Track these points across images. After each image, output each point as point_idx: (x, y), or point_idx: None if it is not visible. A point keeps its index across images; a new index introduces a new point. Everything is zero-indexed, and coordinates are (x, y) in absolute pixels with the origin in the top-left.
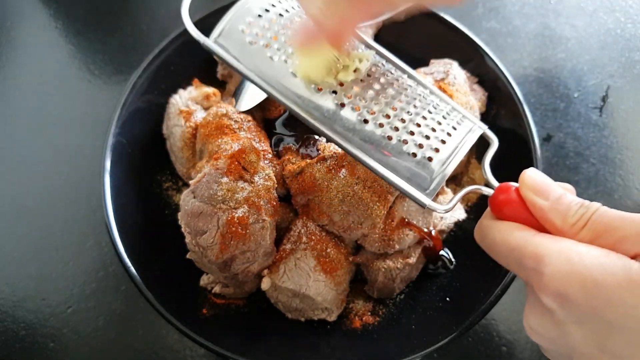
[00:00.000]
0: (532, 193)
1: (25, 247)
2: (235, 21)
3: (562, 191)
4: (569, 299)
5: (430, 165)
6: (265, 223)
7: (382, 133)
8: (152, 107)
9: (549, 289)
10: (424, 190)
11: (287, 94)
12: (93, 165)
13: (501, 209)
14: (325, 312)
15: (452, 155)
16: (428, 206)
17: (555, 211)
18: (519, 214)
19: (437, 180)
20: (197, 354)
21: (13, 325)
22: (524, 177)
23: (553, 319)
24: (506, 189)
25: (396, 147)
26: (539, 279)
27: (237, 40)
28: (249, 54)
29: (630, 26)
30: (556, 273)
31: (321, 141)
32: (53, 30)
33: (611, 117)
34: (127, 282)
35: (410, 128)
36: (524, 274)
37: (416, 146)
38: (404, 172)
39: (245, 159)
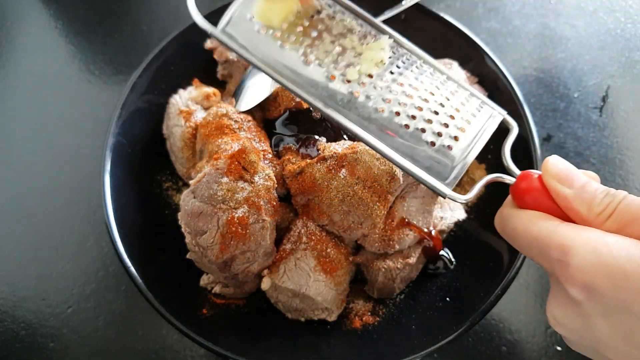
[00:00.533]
0: (555, 181)
1: (25, 247)
2: (242, 9)
3: (587, 179)
4: (595, 291)
5: (450, 154)
6: (265, 223)
7: (399, 121)
8: (152, 107)
9: (575, 280)
10: (444, 179)
11: (300, 83)
12: (93, 165)
13: (523, 198)
14: (325, 312)
15: (473, 142)
16: (448, 196)
17: (580, 199)
18: (541, 202)
19: (458, 169)
20: (197, 353)
21: (13, 325)
22: (547, 164)
23: (579, 311)
24: (528, 177)
25: (414, 135)
26: (565, 270)
27: (246, 29)
28: (258, 43)
29: (630, 26)
30: (583, 264)
31: (321, 141)
32: (53, 30)
33: (611, 117)
34: (127, 282)
35: (428, 116)
36: (548, 265)
37: (434, 134)
38: (423, 162)
39: (246, 159)
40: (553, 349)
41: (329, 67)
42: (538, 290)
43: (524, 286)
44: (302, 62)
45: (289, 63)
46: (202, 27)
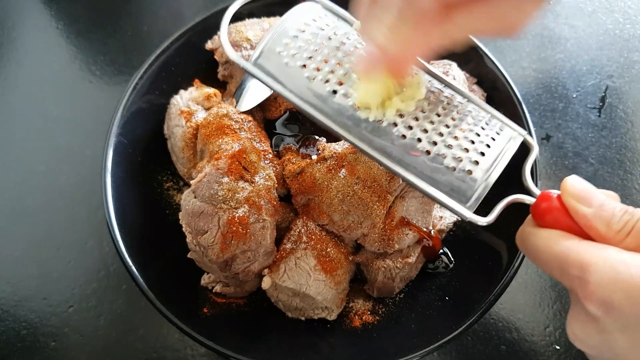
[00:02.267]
0: (574, 200)
1: (26, 246)
2: (272, 43)
3: (605, 198)
4: (614, 307)
5: (471, 178)
6: (265, 223)
7: (421, 147)
8: (153, 107)
9: (594, 297)
10: (465, 202)
11: (327, 113)
12: (94, 165)
13: (543, 217)
14: (326, 311)
15: (494, 165)
16: (469, 219)
17: (599, 218)
18: (561, 221)
19: (479, 192)
20: (197, 352)
21: (14, 325)
22: (566, 184)
23: (598, 327)
24: (548, 197)
25: (435, 161)
26: (584, 287)
27: (276, 62)
28: (288, 75)
29: (629, 27)
30: (601, 281)
31: (321, 141)
32: (54, 31)
33: (610, 117)
34: (128, 282)
35: (449, 141)
36: (568, 282)
37: (455, 159)
38: (444, 186)
39: (246, 159)
40: (552, 348)
41: None
42: (537, 290)
43: (522, 285)
44: (329, 92)
45: (316, 94)
46: (236, 62)
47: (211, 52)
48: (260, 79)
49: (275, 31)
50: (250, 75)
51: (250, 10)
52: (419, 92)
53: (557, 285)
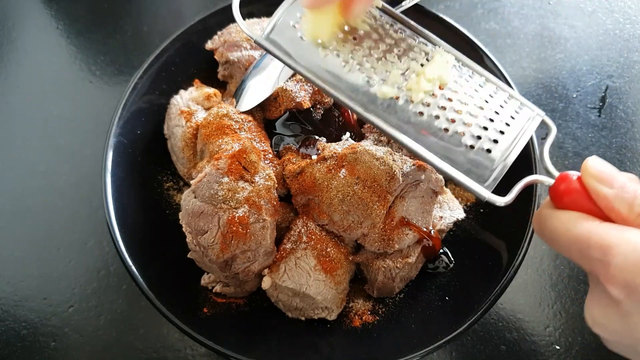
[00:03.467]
0: (595, 181)
1: (26, 246)
2: (286, 17)
3: (627, 179)
4: (637, 290)
5: (489, 157)
6: (265, 223)
7: (438, 125)
8: (153, 107)
9: (616, 280)
10: (483, 182)
11: (342, 89)
12: (94, 165)
13: (562, 199)
14: (326, 311)
15: (513, 144)
16: (487, 199)
17: (620, 199)
18: (580, 203)
19: (497, 172)
20: (198, 352)
21: (15, 325)
22: (587, 165)
23: (619, 310)
24: (567, 178)
25: (453, 138)
26: (606, 270)
27: (289, 36)
28: (301, 50)
29: (629, 27)
30: (624, 263)
31: (321, 141)
32: (54, 31)
33: (610, 117)
34: (128, 282)
35: (467, 119)
36: (588, 265)
37: (473, 137)
38: (461, 165)
39: (246, 159)
40: (552, 348)
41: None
42: (537, 290)
43: (522, 285)
44: (344, 68)
45: (331, 71)
46: (247, 34)
47: (211, 52)
48: (273, 53)
49: (289, 4)
50: (264, 50)
51: (250, 10)
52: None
53: (557, 285)
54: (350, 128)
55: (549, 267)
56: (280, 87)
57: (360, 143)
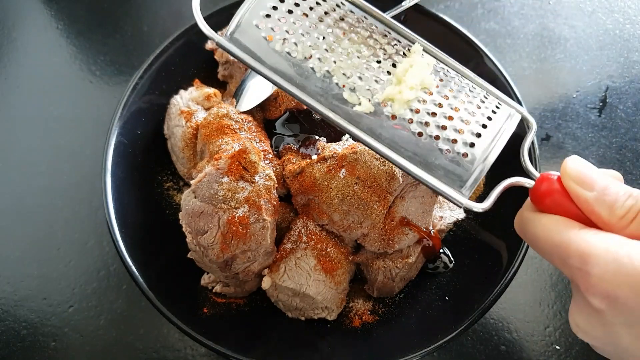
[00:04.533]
0: (575, 183)
1: (26, 246)
2: (249, 16)
3: (608, 180)
4: (617, 301)
5: (466, 161)
6: (265, 223)
7: (413, 129)
8: (153, 107)
9: (596, 290)
10: (460, 187)
11: (309, 91)
12: (94, 165)
13: (542, 201)
14: (325, 311)
15: (491, 146)
16: (465, 205)
17: (601, 202)
18: (562, 205)
19: (475, 176)
20: (198, 352)
21: (14, 325)
22: (566, 166)
23: (601, 320)
24: (548, 180)
25: (427, 144)
26: (586, 280)
27: (252, 36)
28: (265, 51)
29: (629, 27)
30: (604, 274)
31: (321, 141)
32: (54, 31)
33: (610, 117)
34: (128, 282)
35: (442, 122)
36: (569, 272)
37: (448, 142)
38: (438, 170)
39: (246, 159)
40: (552, 348)
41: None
42: (537, 290)
43: (522, 286)
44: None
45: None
46: (208, 34)
47: (211, 52)
48: (235, 55)
49: (252, 2)
50: (225, 52)
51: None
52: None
53: (557, 286)
54: None
55: (549, 267)
56: None
57: (360, 143)
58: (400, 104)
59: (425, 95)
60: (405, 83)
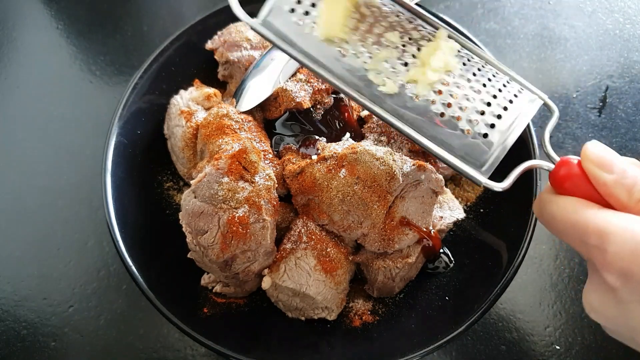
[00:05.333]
0: (595, 166)
1: (26, 246)
2: (280, 1)
3: (627, 165)
4: (633, 278)
5: (486, 142)
6: (265, 223)
7: (435, 109)
8: (153, 107)
9: (612, 267)
10: (480, 167)
11: (337, 73)
12: (94, 165)
13: (562, 184)
14: (326, 311)
15: (511, 128)
16: (484, 184)
17: (620, 185)
18: (580, 188)
19: (495, 157)
20: (198, 352)
21: (14, 325)
22: (586, 149)
23: (615, 298)
24: (567, 163)
25: (449, 123)
26: (603, 257)
27: (284, 21)
28: (297, 35)
29: (629, 27)
30: (620, 251)
31: (321, 141)
32: (54, 31)
33: (610, 117)
34: (128, 282)
35: (464, 103)
36: (586, 251)
37: (470, 122)
38: (458, 150)
39: (246, 159)
40: (552, 348)
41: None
42: (537, 290)
43: (522, 286)
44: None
45: (325, 55)
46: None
47: (211, 52)
48: (268, 38)
49: None
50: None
51: (251, 10)
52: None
53: (557, 286)
54: (350, 128)
55: (549, 267)
56: (280, 87)
57: (360, 143)
58: (424, 86)
59: (449, 77)
60: (430, 65)
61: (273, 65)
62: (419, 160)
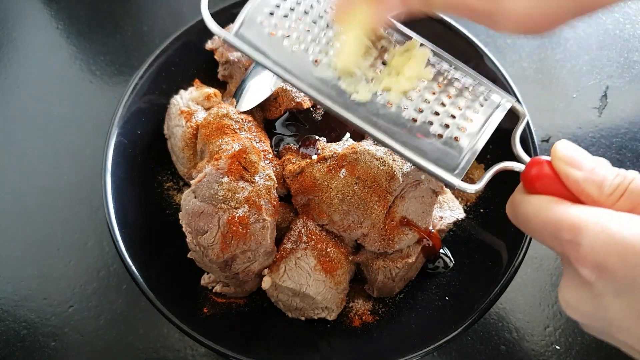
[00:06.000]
0: (565, 164)
1: (26, 246)
2: (253, 13)
3: (597, 162)
4: (607, 270)
5: (458, 145)
6: (265, 223)
7: (407, 115)
8: (153, 107)
9: (586, 260)
10: (453, 170)
11: (311, 83)
12: (94, 165)
13: (533, 184)
14: (326, 311)
15: (481, 131)
16: (457, 186)
17: (590, 181)
18: (551, 187)
19: (466, 159)
20: (198, 352)
21: (14, 325)
22: (556, 149)
23: (591, 292)
24: (538, 163)
25: (421, 129)
26: (576, 251)
27: (257, 32)
28: (270, 46)
29: (629, 27)
30: (594, 243)
31: (321, 141)
32: (54, 31)
33: (610, 117)
34: (128, 282)
35: (435, 108)
36: (560, 247)
37: (442, 127)
38: (431, 154)
39: (246, 159)
40: (552, 348)
41: None
42: (537, 290)
43: (522, 285)
44: (312, 63)
45: (299, 65)
46: (215, 32)
47: (211, 52)
48: (241, 49)
49: (256, 1)
50: (231, 47)
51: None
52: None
53: (557, 286)
54: (350, 128)
55: (549, 267)
56: (280, 87)
57: (360, 143)
58: (397, 94)
59: (420, 84)
60: (403, 74)
61: None
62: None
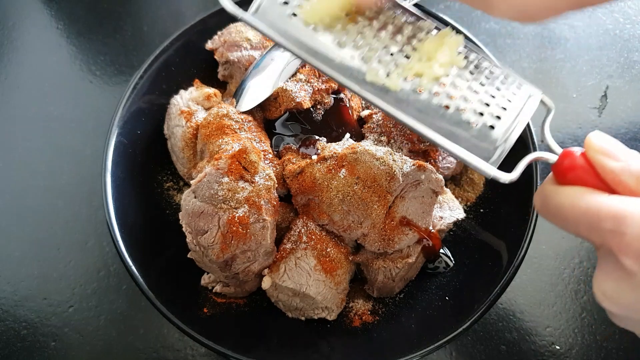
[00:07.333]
0: (601, 155)
1: (26, 246)
2: None
3: (633, 152)
4: None
5: (493, 133)
6: (265, 223)
7: (439, 102)
8: (153, 107)
9: (630, 250)
10: (487, 159)
11: (334, 66)
12: (94, 165)
13: (566, 175)
14: (326, 311)
15: (515, 121)
16: (493, 176)
17: (628, 172)
18: (585, 179)
19: (502, 148)
20: (198, 352)
21: (14, 325)
22: (591, 140)
23: (632, 282)
24: (571, 154)
25: (454, 116)
26: (620, 240)
27: (277, 12)
28: (291, 27)
29: (629, 27)
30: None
31: (321, 141)
32: (54, 31)
33: (610, 117)
34: (128, 282)
35: (468, 96)
36: (598, 237)
37: (476, 114)
38: (465, 142)
39: (246, 159)
40: (552, 348)
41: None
42: (537, 290)
43: (522, 286)
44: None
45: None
46: (232, 12)
47: (211, 52)
48: (261, 30)
49: None
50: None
51: None
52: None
53: (557, 286)
54: (350, 128)
55: (549, 267)
56: (280, 87)
57: (360, 143)
58: (429, 79)
59: (452, 71)
60: (436, 60)
61: (273, 66)
62: (419, 160)
